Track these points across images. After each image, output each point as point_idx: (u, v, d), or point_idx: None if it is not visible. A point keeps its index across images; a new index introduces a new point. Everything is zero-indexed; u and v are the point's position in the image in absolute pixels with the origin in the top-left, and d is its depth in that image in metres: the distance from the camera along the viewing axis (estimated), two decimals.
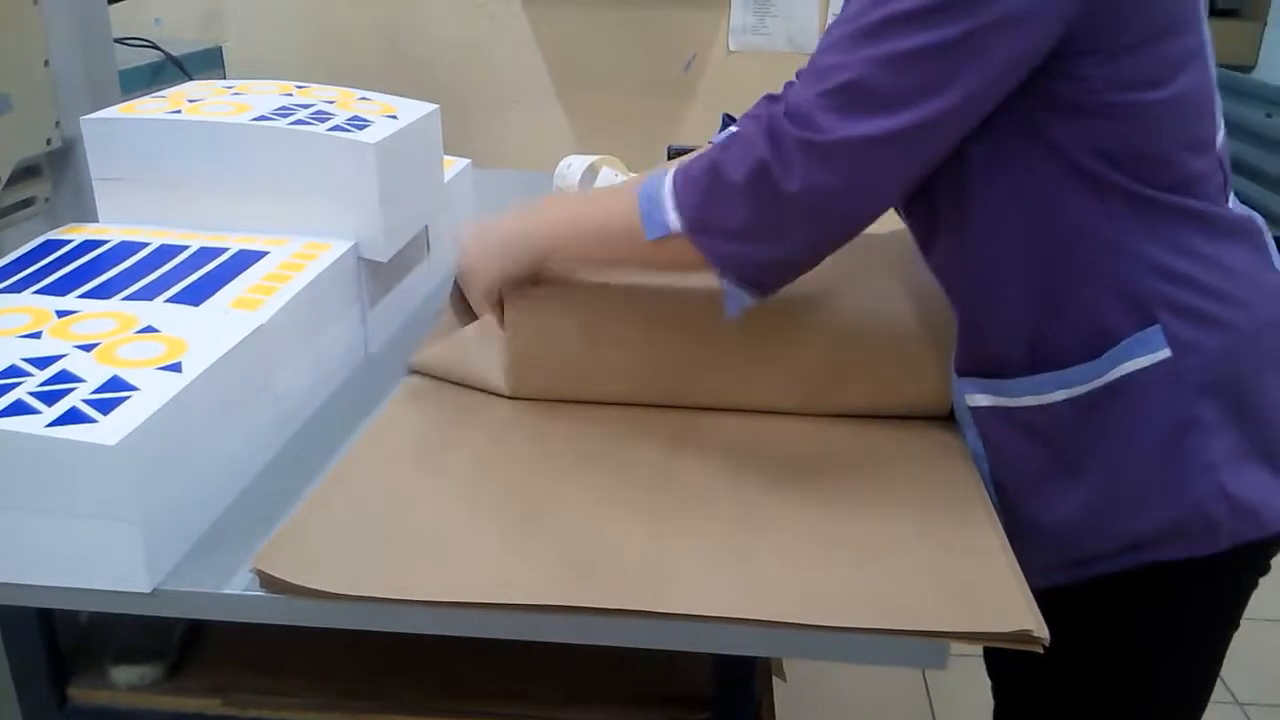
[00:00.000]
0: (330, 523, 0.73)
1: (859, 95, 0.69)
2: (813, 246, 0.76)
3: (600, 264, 0.88)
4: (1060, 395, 0.79)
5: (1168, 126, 0.74)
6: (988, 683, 0.99)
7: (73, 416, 0.65)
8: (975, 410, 0.84)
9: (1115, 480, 0.79)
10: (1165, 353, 0.76)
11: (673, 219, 0.76)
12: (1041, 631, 0.64)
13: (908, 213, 0.86)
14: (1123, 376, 0.77)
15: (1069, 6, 0.68)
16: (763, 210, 0.73)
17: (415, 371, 0.95)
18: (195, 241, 0.94)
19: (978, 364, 0.83)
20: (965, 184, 0.77)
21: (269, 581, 0.67)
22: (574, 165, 1.41)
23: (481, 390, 0.92)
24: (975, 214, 0.78)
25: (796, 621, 0.65)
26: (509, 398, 0.91)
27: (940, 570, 0.70)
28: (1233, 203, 0.81)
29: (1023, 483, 0.83)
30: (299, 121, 0.96)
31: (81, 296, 0.83)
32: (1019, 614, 0.65)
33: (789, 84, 0.83)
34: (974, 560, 0.71)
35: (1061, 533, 0.81)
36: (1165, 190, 0.75)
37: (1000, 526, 0.76)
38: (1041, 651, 0.64)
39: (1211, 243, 0.77)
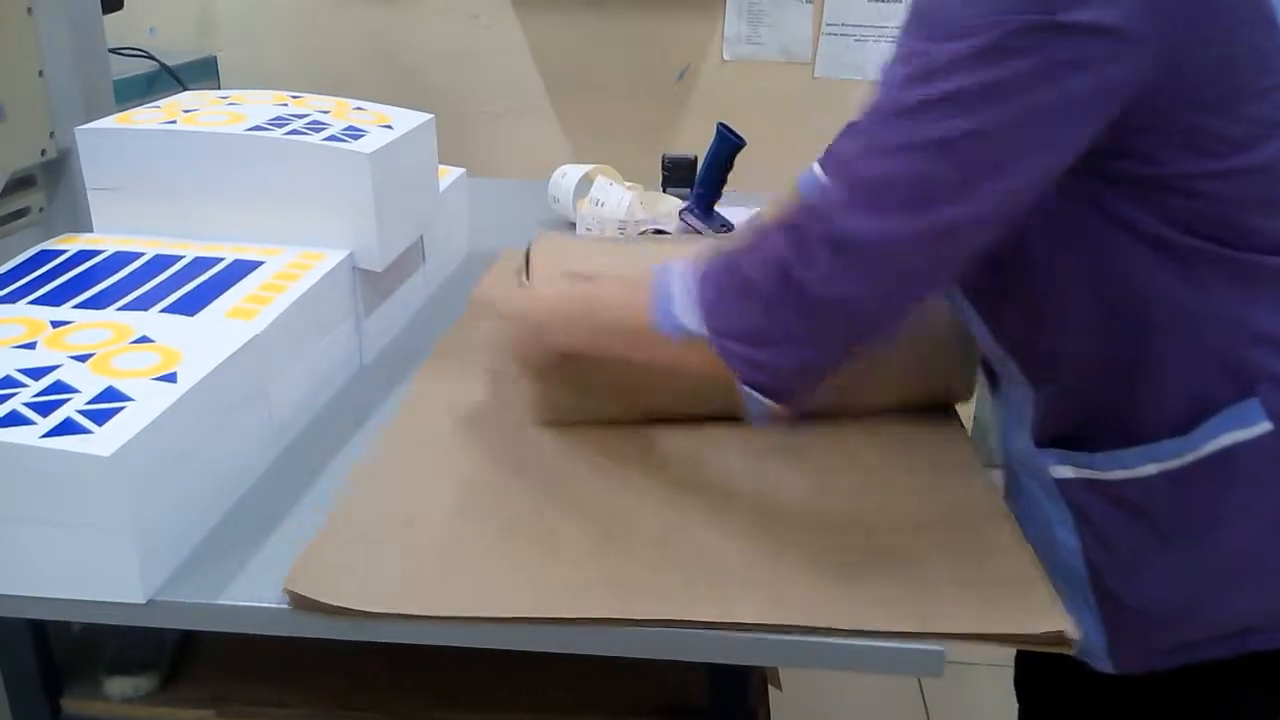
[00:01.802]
0: (354, 539, 0.72)
1: (890, 189, 0.64)
2: (839, 353, 0.69)
3: (645, 358, 0.78)
4: (1153, 469, 0.73)
5: (1248, 193, 0.68)
6: (984, 692, 0.99)
7: (68, 427, 0.65)
8: (1061, 482, 0.78)
9: (1221, 559, 0.73)
10: (1266, 425, 0.71)
11: (691, 319, 0.69)
12: (1073, 632, 0.63)
13: (972, 289, 0.80)
14: (1221, 449, 0.72)
15: (1129, 89, 0.62)
16: (784, 314, 0.67)
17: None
18: (190, 251, 0.94)
19: (1060, 437, 0.78)
20: (1028, 262, 0.72)
21: (300, 602, 0.66)
22: (569, 175, 1.41)
23: (492, 396, 0.92)
24: (1044, 291, 0.73)
25: (829, 625, 0.65)
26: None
27: (965, 573, 0.70)
28: None
29: (1120, 559, 0.76)
30: (294, 132, 0.96)
31: (76, 307, 0.83)
32: (1049, 615, 0.65)
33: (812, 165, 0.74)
34: (999, 562, 0.71)
35: (1163, 614, 0.75)
36: (1256, 252, 0.69)
37: (1020, 530, 0.75)
38: (1072, 653, 0.63)
39: None
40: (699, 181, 1.29)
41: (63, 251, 0.94)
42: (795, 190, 0.69)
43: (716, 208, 1.30)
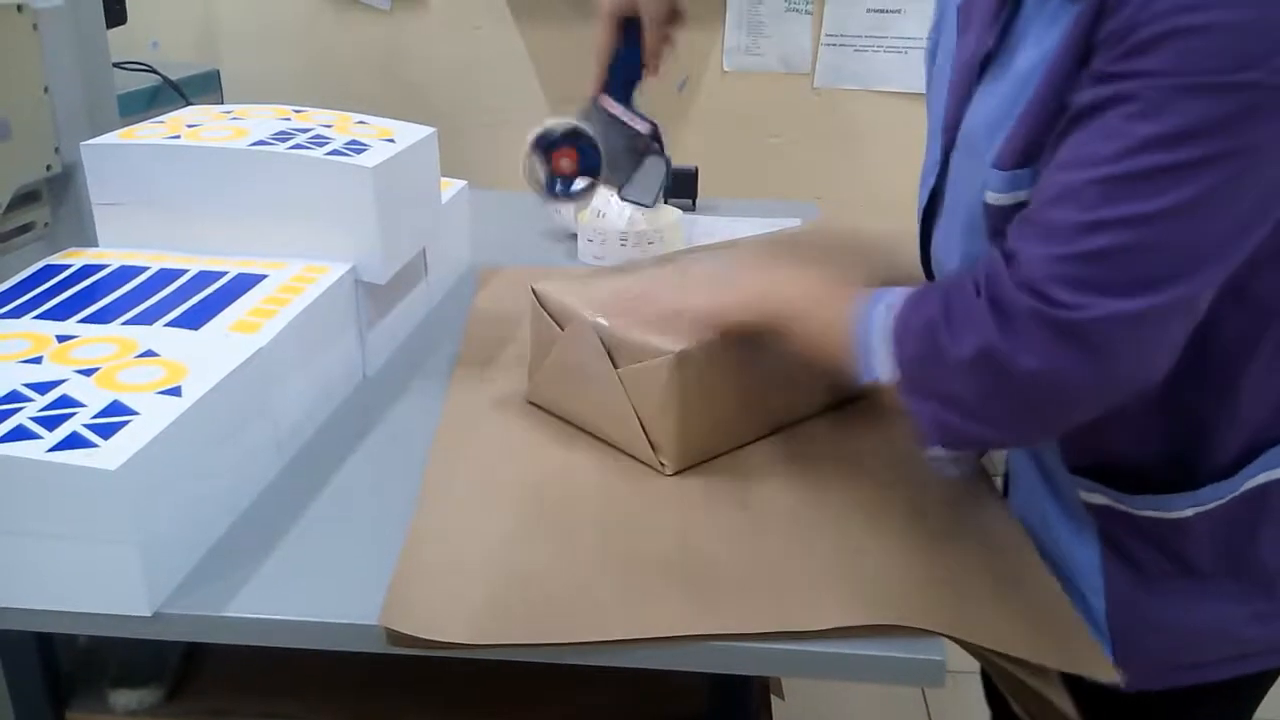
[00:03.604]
0: (433, 571, 0.71)
1: (1115, 265, 0.57)
2: (1044, 430, 0.67)
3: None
4: (1189, 512, 0.71)
5: None
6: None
7: (74, 441, 0.66)
8: (1093, 508, 0.75)
9: (1244, 587, 0.73)
10: None
11: (886, 371, 0.67)
12: (1123, 680, 0.64)
13: None
14: (1258, 486, 0.71)
15: None
16: (985, 390, 0.62)
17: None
18: (194, 265, 0.94)
19: (1096, 468, 0.74)
20: None
21: (397, 638, 0.65)
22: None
23: (538, 401, 0.93)
24: None
25: (911, 625, 0.66)
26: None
27: (1006, 599, 0.70)
28: None
29: (1141, 579, 0.75)
30: (297, 146, 0.97)
31: (81, 321, 0.83)
32: (1100, 664, 0.65)
33: (1014, 241, 0.64)
34: (1031, 593, 0.72)
35: (1179, 635, 0.75)
36: None
37: (1039, 554, 0.75)
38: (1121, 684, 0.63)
39: None
40: (614, 68, 1.11)
41: (68, 266, 0.94)
42: (993, 260, 0.63)
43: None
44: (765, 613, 0.67)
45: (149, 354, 0.78)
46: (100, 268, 0.94)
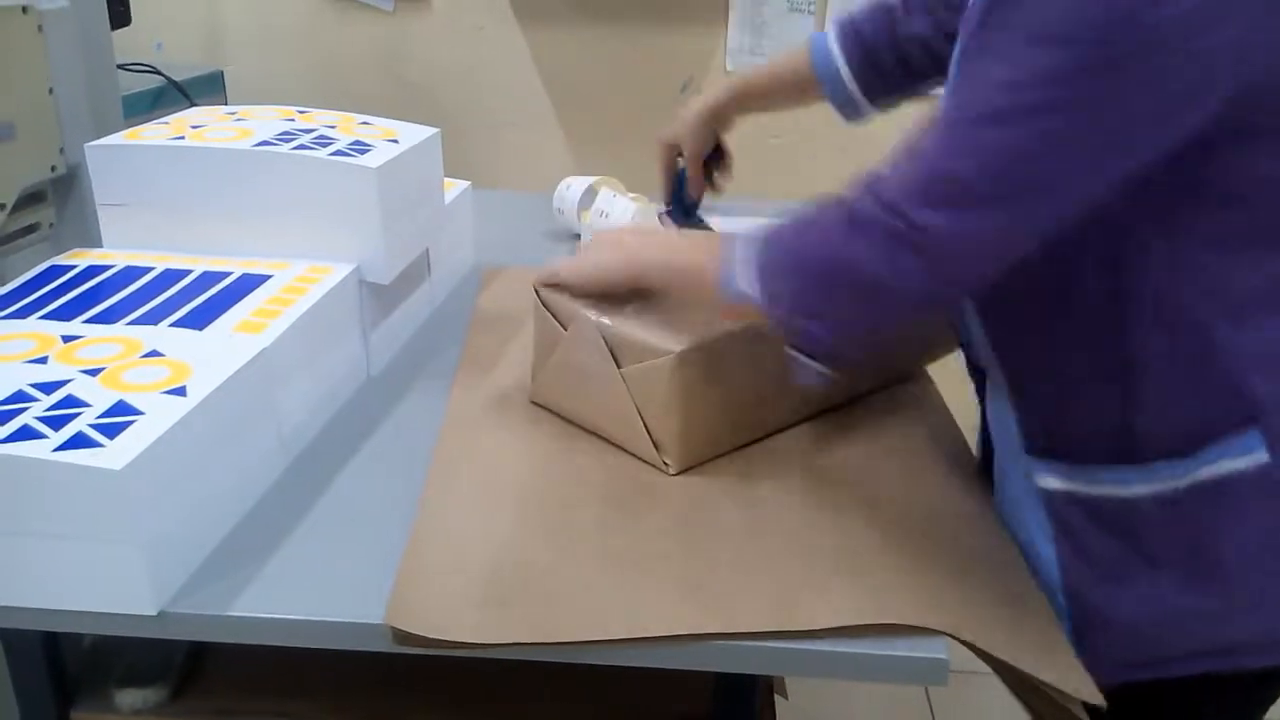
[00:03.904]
0: (437, 570, 0.71)
1: (959, 188, 0.65)
2: (891, 327, 0.75)
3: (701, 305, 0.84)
4: (1143, 489, 0.74)
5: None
6: (991, 702, 0.99)
7: (79, 441, 0.66)
8: (1047, 493, 0.78)
9: (1200, 583, 0.74)
10: (1263, 456, 0.71)
11: (746, 285, 0.74)
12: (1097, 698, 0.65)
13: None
14: (1216, 477, 0.72)
15: (1224, 94, 0.62)
16: (840, 294, 0.71)
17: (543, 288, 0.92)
18: (199, 266, 0.95)
19: (1053, 446, 0.77)
20: (1041, 254, 0.70)
21: (404, 637, 0.65)
22: (573, 186, 1.42)
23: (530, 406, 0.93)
24: (1046, 285, 0.73)
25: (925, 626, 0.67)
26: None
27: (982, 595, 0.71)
28: None
29: (1097, 572, 0.77)
30: (301, 146, 0.97)
31: (86, 321, 0.83)
32: (1082, 682, 0.66)
33: (885, 165, 0.73)
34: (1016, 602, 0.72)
35: (1136, 630, 0.76)
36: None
37: (1026, 567, 0.76)
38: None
39: None
40: (679, 184, 1.30)
41: (72, 267, 0.95)
42: (861, 179, 0.71)
43: (712, 217, 1.31)
44: (768, 612, 0.67)
45: (154, 354, 0.78)
46: (105, 268, 0.94)
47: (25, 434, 0.67)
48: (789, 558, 0.73)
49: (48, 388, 0.73)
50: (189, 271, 0.94)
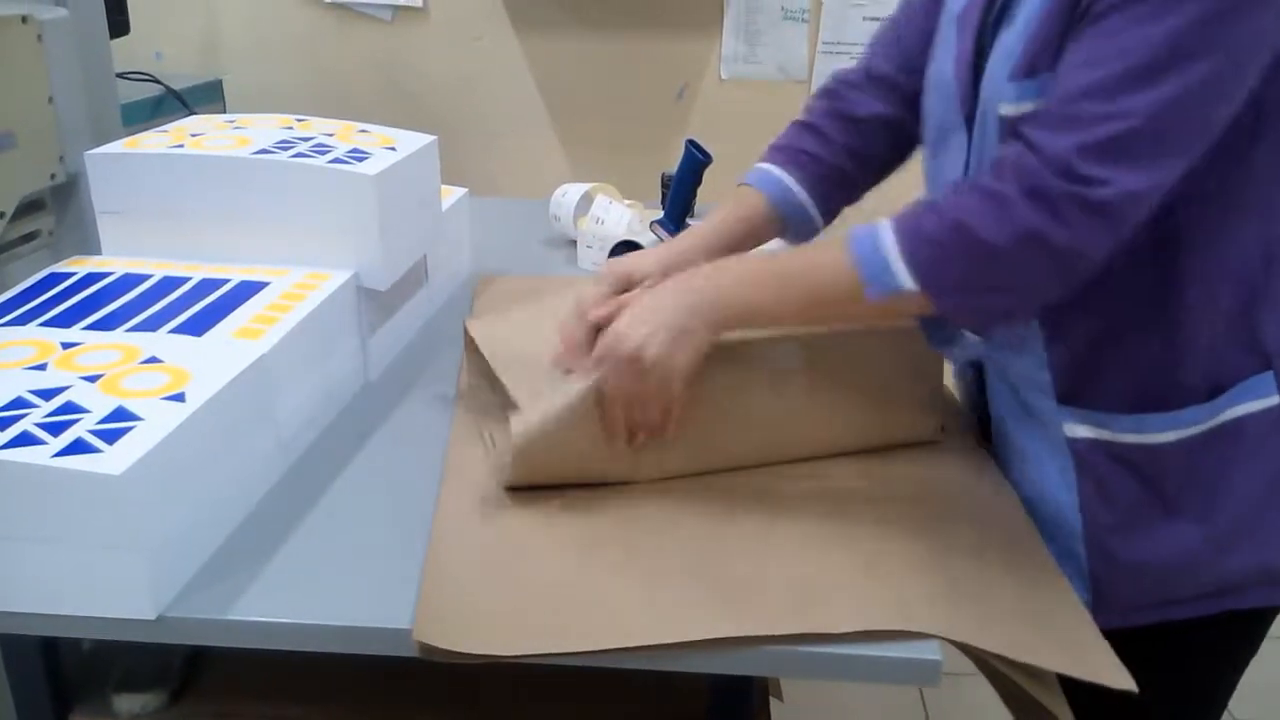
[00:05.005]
0: (461, 584, 0.71)
1: (1130, 147, 0.66)
2: (1051, 295, 0.73)
3: (798, 322, 0.82)
4: (1170, 435, 0.76)
5: None
6: (985, 702, 0.99)
7: (78, 447, 0.67)
8: (1073, 441, 0.79)
9: (1218, 522, 0.77)
10: (1275, 399, 0.75)
11: (906, 280, 0.71)
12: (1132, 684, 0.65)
13: None
14: (1231, 419, 0.75)
15: None
16: (1029, 270, 0.70)
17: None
18: (198, 273, 0.95)
19: (1085, 395, 0.79)
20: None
21: (430, 651, 0.66)
22: (569, 193, 1.43)
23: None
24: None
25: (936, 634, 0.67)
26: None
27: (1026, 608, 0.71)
28: None
29: (1115, 518, 0.79)
30: (299, 154, 0.98)
31: (86, 328, 0.84)
32: (1116, 672, 0.66)
33: (1034, 136, 0.71)
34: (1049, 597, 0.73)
35: (1151, 573, 0.78)
36: None
37: (1056, 566, 0.76)
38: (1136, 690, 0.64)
39: None
40: (670, 196, 1.32)
41: (72, 274, 0.95)
42: (1007, 161, 0.71)
43: (692, 220, 1.32)
44: (784, 618, 0.68)
45: (153, 360, 0.79)
46: (104, 275, 0.95)
47: (25, 440, 0.67)
48: (803, 565, 0.73)
49: (47, 394, 0.73)
50: (188, 278, 0.94)
